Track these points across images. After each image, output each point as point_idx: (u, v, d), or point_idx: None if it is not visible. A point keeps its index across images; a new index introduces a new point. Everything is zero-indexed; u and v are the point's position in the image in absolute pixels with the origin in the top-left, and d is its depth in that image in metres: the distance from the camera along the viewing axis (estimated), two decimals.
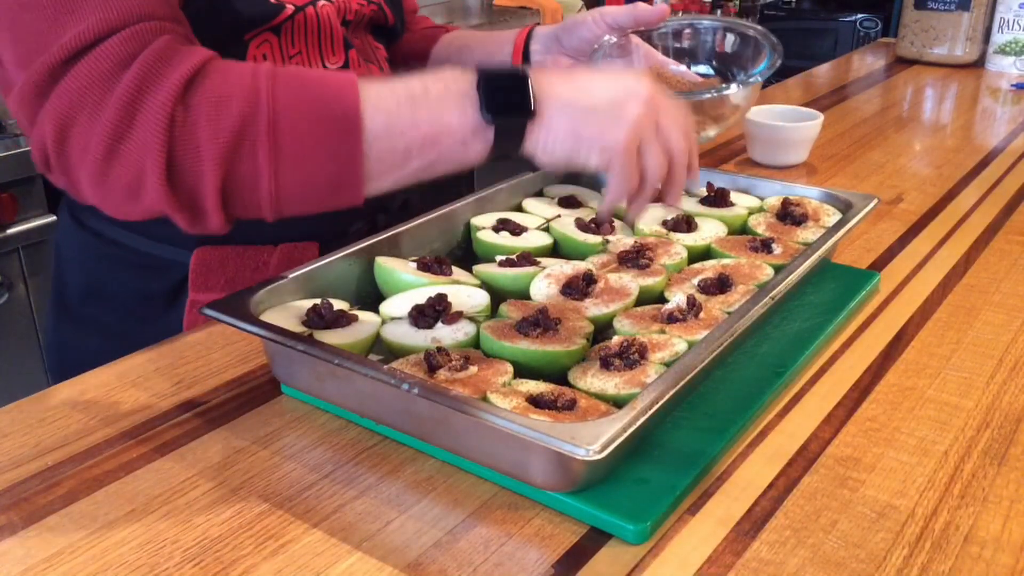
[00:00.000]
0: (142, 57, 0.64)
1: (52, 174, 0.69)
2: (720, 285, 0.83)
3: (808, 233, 0.94)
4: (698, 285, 0.84)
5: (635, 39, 1.01)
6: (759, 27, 1.00)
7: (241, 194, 0.67)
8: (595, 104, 0.69)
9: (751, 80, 0.93)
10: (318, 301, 0.76)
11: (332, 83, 0.68)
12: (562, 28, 1.01)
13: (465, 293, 0.80)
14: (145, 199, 0.66)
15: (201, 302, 0.84)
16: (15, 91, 0.67)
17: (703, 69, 1.05)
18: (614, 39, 0.98)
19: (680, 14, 1.08)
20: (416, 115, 0.68)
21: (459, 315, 0.77)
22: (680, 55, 1.05)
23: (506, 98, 0.68)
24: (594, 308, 0.80)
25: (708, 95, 0.93)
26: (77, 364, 0.82)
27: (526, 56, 1.02)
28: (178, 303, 0.89)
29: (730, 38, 1.03)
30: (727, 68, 1.03)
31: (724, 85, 0.95)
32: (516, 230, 0.94)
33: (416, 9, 1.15)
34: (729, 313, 0.76)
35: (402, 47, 1.10)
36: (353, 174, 0.68)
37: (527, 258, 0.87)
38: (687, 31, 1.05)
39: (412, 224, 0.91)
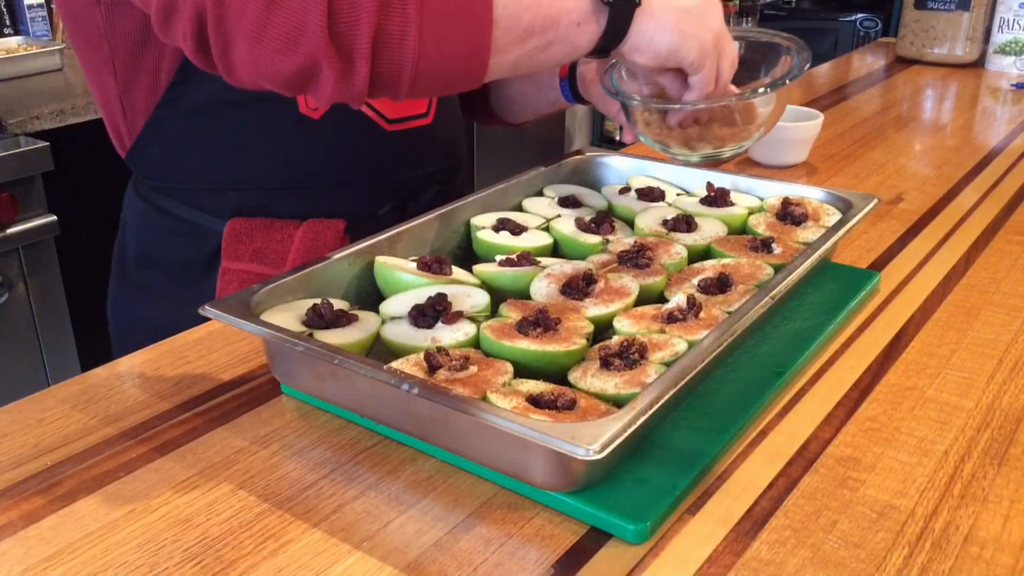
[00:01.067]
0: None
1: (204, 47, 0.69)
2: (720, 285, 0.83)
3: (808, 233, 0.94)
4: (698, 285, 0.84)
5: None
6: (788, 35, 1.00)
7: (390, 50, 0.68)
8: (690, 7, 0.78)
9: (781, 83, 0.92)
10: (318, 301, 0.76)
11: None
12: None
13: (465, 293, 0.80)
14: (302, 48, 0.66)
15: (231, 271, 0.91)
16: None
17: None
18: None
19: (731, 17, 1.06)
20: None
21: (459, 315, 0.77)
22: None
23: None
24: (594, 308, 0.80)
25: (747, 96, 0.91)
26: (132, 322, 0.95)
27: (573, 65, 1.07)
28: (214, 270, 0.95)
29: (759, 47, 1.02)
30: (757, 77, 1.02)
31: (749, 89, 0.93)
32: (516, 230, 0.94)
33: None
34: (729, 313, 0.76)
35: None
36: (483, 39, 0.71)
37: (527, 258, 0.87)
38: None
39: (412, 224, 0.91)
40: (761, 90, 0.90)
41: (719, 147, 0.94)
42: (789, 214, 0.96)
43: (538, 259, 0.88)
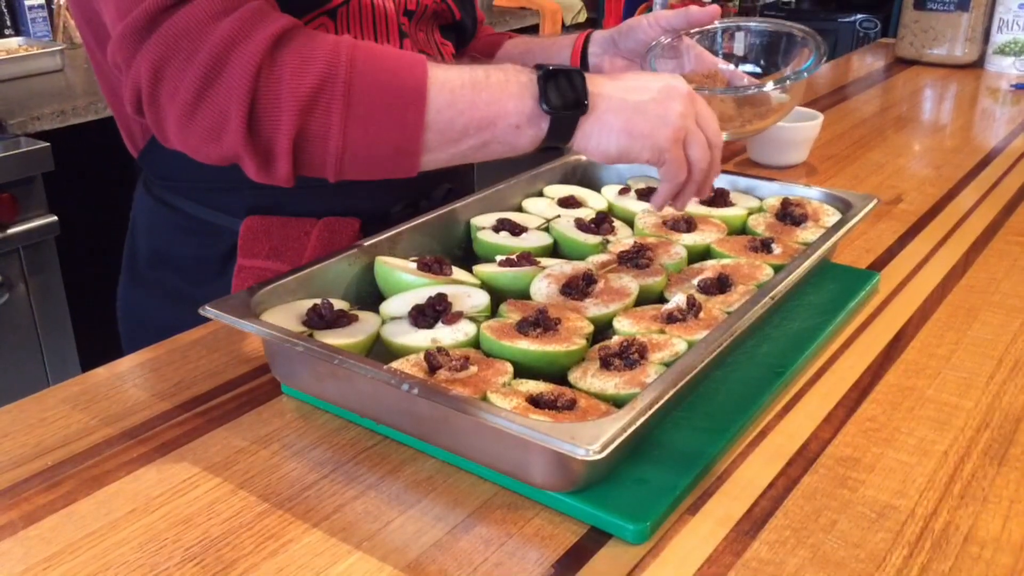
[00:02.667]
0: (237, 13, 0.70)
1: (142, 114, 0.74)
2: (720, 285, 0.83)
3: (808, 233, 0.94)
4: (698, 285, 0.84)
5: (687, 40, 1.05)
6: (805, 27, 1.05)
7: (312, 148, 0.72)
8: (643, 103, 0.76)
9: (799, 76, 0.97)
10: (318, 301, 0.76)
11: (404, 58, 0.74)
12: (618, 31, 1.06)
13: (465, 293, 0.80)
14: (225, 142, 0.71)
15: (247, 268, 0.92)
16: (114, 37, 0.72)
17: (751, 68, 1.10)
18: (667, 40, 1.03)
19: (731, 16, 1.12)
20: (477, 97, 0.73)
21: (459, 315, 0.77)
22: (729, 56, 1.10)
23: (563, 92, 0.74)
24: (594, 308, 0.80)
25: (757, 89, 0.97)
26: (143, 322, 0.96)
27: (584, 58, 1.08)
28: (228, 268, 0.96)
29: (777, 38, 1.08)
30: (774, 68, 1.08)
31: (771, 80, 0.99)
32: (516, 230, 0.94)
33: (482, 20, 1.20)
34: (729, 313, 0.76)
35: (468, 52, 1.14)
36: (413, 142, 0.73)
37: (527, 258, 0.87)
38: (737, 32, 1.11)
39: (412, 224, 0.91)
40: (786, 81, 0.95)
41: (742, 130, 0.99)
42: (789, 214, 0.96)
43: (538, 259, 0.88)
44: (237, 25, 0.69)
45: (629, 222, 1.01)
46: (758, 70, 1.10)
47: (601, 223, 0.97)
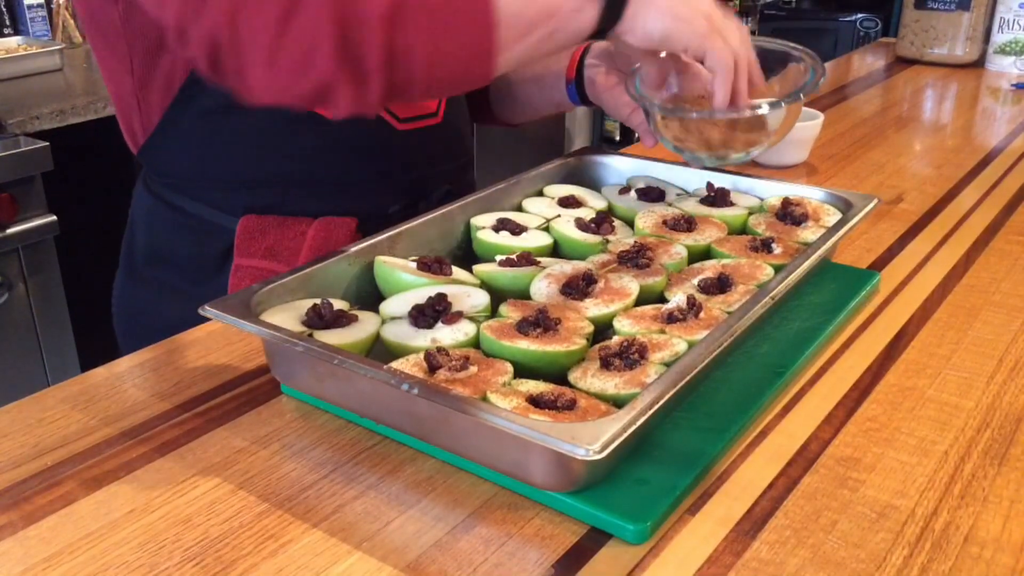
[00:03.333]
0: None
1: (218, 69, 0.71)
2: (720, 285, 0.83)
3: (808, 233, 0.94)
4: (698, 285, 0.84)
5: (685, 58, 1.01)
6: (804, 48, 1.03)
7: (401, 62, 0.70)
8: None
9: (797, 96, 0.94)
10: (318, 301, 0.76)
11: None
12: (614, 45, 1.05)
13: (465, 293, 0.80)
14: (315, 70, 0.68)
15: (244, 267, 0.92)
16: None
17: None
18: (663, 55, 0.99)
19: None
20: None
21: (459, 315, 0.77)
22: None
23: None
24: (594, 308, 0.80)
25: (759, 110, 0.92)
26: (140, 320, 0.96)
27: (580, 71, 1.07)
28: (226, 267, 0.96)
29: (773, 57, 1.03)
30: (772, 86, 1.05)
31: (772, 100, 0.94)
32: (516, 230, 0.94)
33: None
34: (729, 313, 0.76)
35: None
36: (488, 39, 0.73)
37: (527, 258, 0.87)
38: None
39: (412, 224, 0.91)
40: (782, 102, 0.91)
41: (734, 151, 0.95)
42: (789, 214, 0.96)
43: (538, 259, 0.88)
44: None
45: (629, 222, 1.01)
46: None
47: (601, 223, 0.97)
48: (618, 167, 1.12)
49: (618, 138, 3.71)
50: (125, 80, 0.93)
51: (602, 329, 0.79)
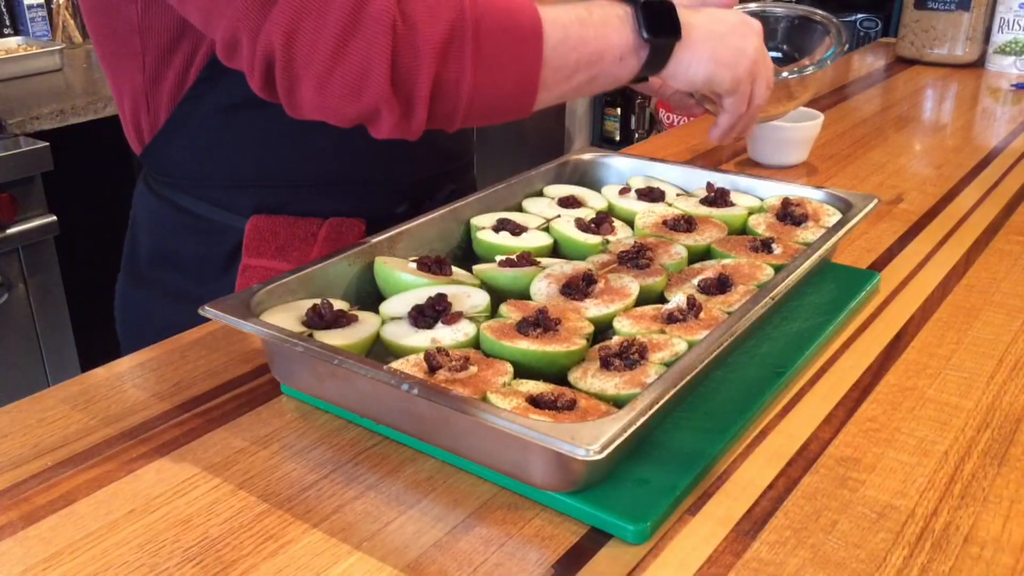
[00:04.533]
0: None
1: (270, 85, 0.72)
2: (720, 285, 0.83)
3: (808, 233, 0.94)
4: (698, 285, 0.84)
5: None
6: (825, 13, 1.07)
7: (446, 94, 0.72)
8: (725, 34, 0.82)
9: (824, 62, 0.99)
10: (318, 301, 0.76)
11: None
12: None
13: (465, 293, 0.80)
14: (366, 96, 0.70)
15: (252, 267, 0.92)
16: (233, 10, 0.70)
17: (772, 55, 1.09)
18: None
19: (751, 4, 1.12)
20: (585, 32, 0.76)
21: (459, 315, 0.77)
22: None
23: (661, 21, 0.78)
24: (594, 308, 0.80)
25: (787, 75, 0.99)
26: (143, 321, 0.96)
27: None
28: (232, 268, 0.96)
29: (799, 24, 1.10)
30: (796, 53, 1.10)
31: (796, 67, 1.01)
32: (516, 230, 0.94)
33: None
34: (729, 313, 0.76)
35: None
36: (532, 80, 0.75)
37: (527, 258, 0.87)
38: (759, 17, 1.09)
39: (412, 224, 0.91)
40: (810, 68, 0.99)
41: (765, 114, 1.02)
42: (789, 214, 0.96)
43: (538, 259, 0.88)
44: None
45: (629, 222, 1.01)
46: (780, 56, 1.12)
47: (601, 223, 0.97)
48: (618, 167, 1.12)
49: (618, 138, 3.71)
50: (135, 78, 0.93)
51: (602, 329, 0.79)
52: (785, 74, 1.00)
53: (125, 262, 1.05)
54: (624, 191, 1.07)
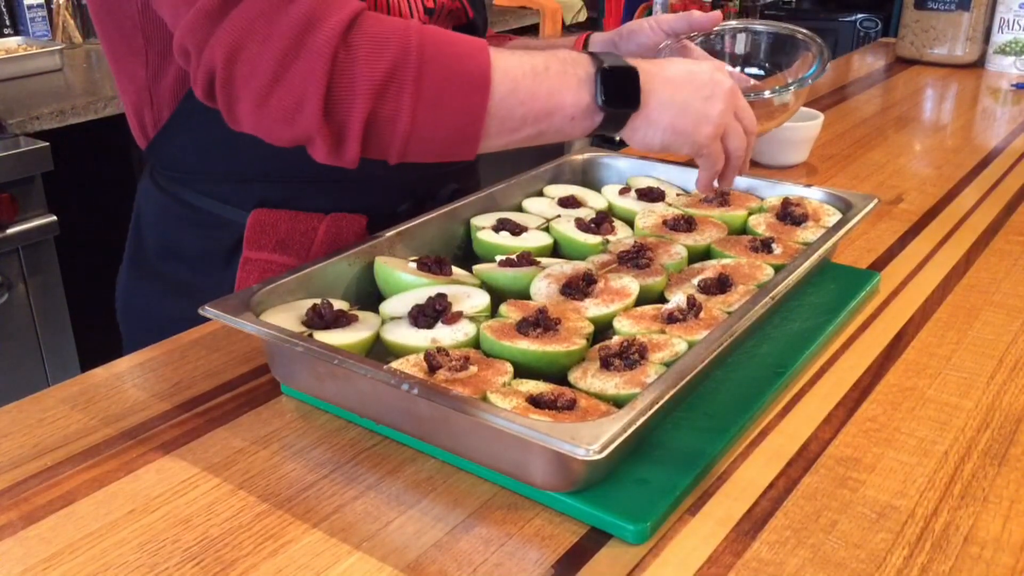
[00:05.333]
0: None
1: (210, 96, 0.74)
2: (720, 285, 0.83)
3: (808, 233, 0.94)
4: (698, 285, 0.84)
5: (689, 44, 1.07)
6: (807, 31, 1.07)
7: (381, 131, 0.73)
8: (688, 101, 0.79)
9: (805, 82, 1.00)
10: (318, 301, 0.76)
11: (469, 44, 0.75)
12: (619, 34, 1.07)
13: (465, 293, 0.80)
14: (300, 124, 0.71)
15: (253, 261, 0.93)
16: (185, 21, 0.72)
17: (754, 71, 1.13)
18: (671, 43, 1.05)
19: (731, 17, 1.16)
20: (537, 87, 0.75)
21: (459, 315, 0.77)
22: (733, 58, 1.13)
23: (619, 90, 0.76)
24: (594, 308, 0.80)
25: (767, 94, 1.00)
26: (146, 314, 0.97)
27: None
28: (234, 261, 0.96)
29: (781, 41, 1.10)
30: (778, 70, 1.10)
31: (781, 86, 1.02)
32: (516, 230, 0.94)
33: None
34: (729, 313, 0.76)
35: None
36: (475, 128, 0.74)
37: (527, 258, 0.87)
38: (739, 35, 1.13)
39: (412, 224, 0.91)
40: (792, 87, 1.00)
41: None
42: (789, 214, 0.96)
43: (538, 259, 0.88)
44: (310, 8, 0.70)
45: (629, 222, 1.01)
46: (761, 72, 1.12)
47: (601, 223, 0.97)
48: (618, 167, 1.12)
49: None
50: (138, 73, 0.93)
51: (602, 329, 0.79)
52: (767, 93, 1.01)
53: (128, 255, 1.05)
54: (624, 191, 1.07)
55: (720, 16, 1.05)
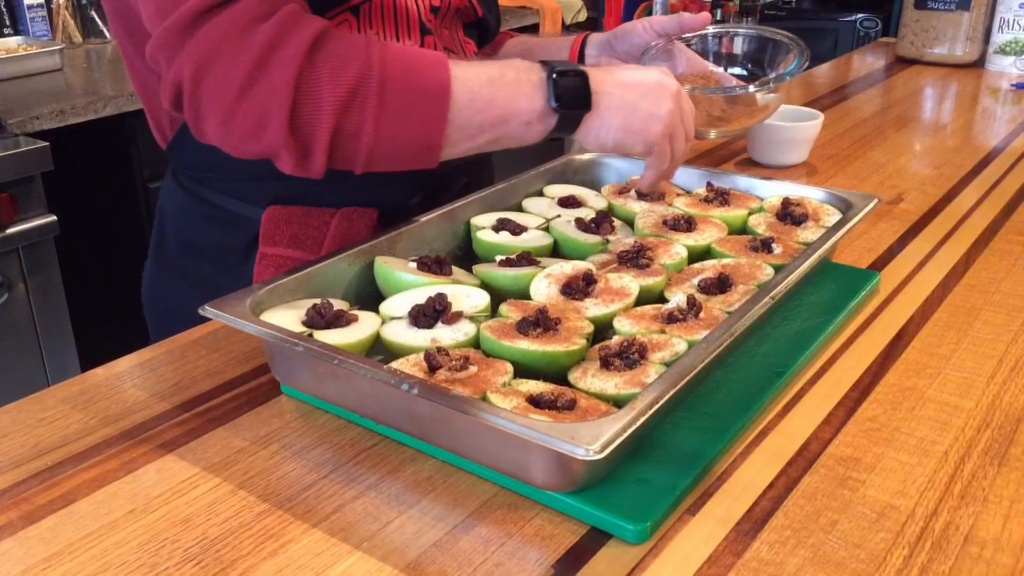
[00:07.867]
0: (275, 17, 0.73)
1: (178, 109, 0.77)
2: (720, 285, 0.83)
3: (808, 233, 0.94)
4: (698, 285, 0.84)
5: (679, 44, 1.13)
6: (789, 33, 1.14)
7: (346, 144, 0.76)
8: (638, 101, 0.83)
9: (783, 79, 1.06)
10: (318, 301, 0.76)
11: (429, 58, 0.79)
12: (614, 35, 1.12)
13: (465, 293, 0.80)
14: (265, 139, 0.74)
15: (269, 256, 0.95)
16: (155, 36, 0.75)
17: (739, 71, 1.19)
18: (661, 44, 1.10)
19: (732, 17, 1.25)
20: (494, 95, 0.79)
21: (459, 315, 0.77)
22: (719, 58, 1.20)
23: (570, 93, 0.80)
24: (594, 308, 0.80)
25: (746, 90, 1.06)
26: (170, 307, 1.00)
27: (581, 59, 1.13)
28: (252, 256, 0.99)
29: (763, 43, 1.18)
30: (760, 70, 1.18)
31: (760, 82, 1.08)
32: (516, 230, 0.94)
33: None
34: (729, 313, 0.76)
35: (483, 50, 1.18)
36: (437, 137, 0.78)
37: (527, 258, 0.87)
38: (726, 37, 1.20)
39: (412, 224, 0.91)
40: (769, 83, 1.07)
41: (732, 128, 1.11)
42: (789, 214, 0.96)
43: (538, 259, 0.88)
44: (276, 29, 0.73)
45: (629, 222, 1.01)
46: (745, 73, 1.19)
47: (601, 223, 0.97)
48: (618, 167, 1.12)
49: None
50: (152, 76, 0.94)
51: (602, 329, 0.79)
52: (751, 88, 1.06)
53: (152, 250, 1.08)
54: (624, 191, 1.07)
55: (709, 17, 1.10)
